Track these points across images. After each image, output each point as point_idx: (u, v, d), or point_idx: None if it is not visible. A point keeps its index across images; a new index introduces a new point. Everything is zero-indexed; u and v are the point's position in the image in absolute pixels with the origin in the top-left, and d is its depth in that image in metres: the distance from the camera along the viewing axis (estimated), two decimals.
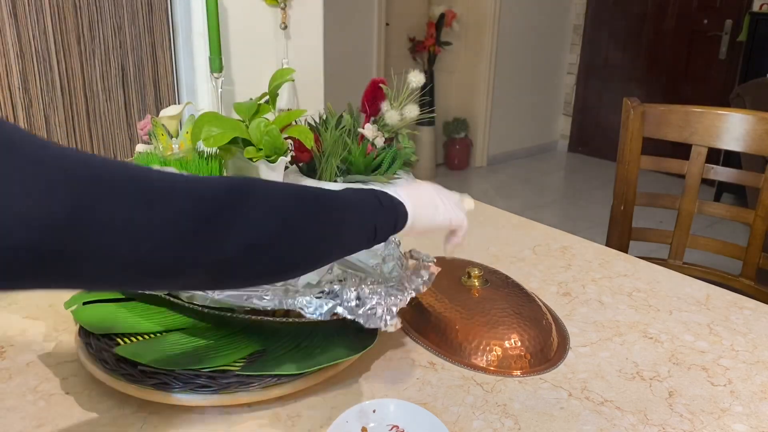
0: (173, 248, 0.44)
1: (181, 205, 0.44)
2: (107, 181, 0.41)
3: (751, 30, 3.83)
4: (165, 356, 0.69)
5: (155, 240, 0.42)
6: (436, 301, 0.85)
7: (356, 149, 1.17)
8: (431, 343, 0.80)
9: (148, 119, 1.10)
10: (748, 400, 0.72)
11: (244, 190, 0.50)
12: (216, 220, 0.46)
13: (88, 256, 0.40)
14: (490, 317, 0.81)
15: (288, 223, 0.52)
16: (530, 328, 0.80)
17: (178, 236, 0.44)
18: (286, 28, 1.59)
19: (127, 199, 0.41)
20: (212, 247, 0.46)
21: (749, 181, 1.35)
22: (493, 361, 0.77)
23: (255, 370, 0.68)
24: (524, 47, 4.74)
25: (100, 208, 0.39)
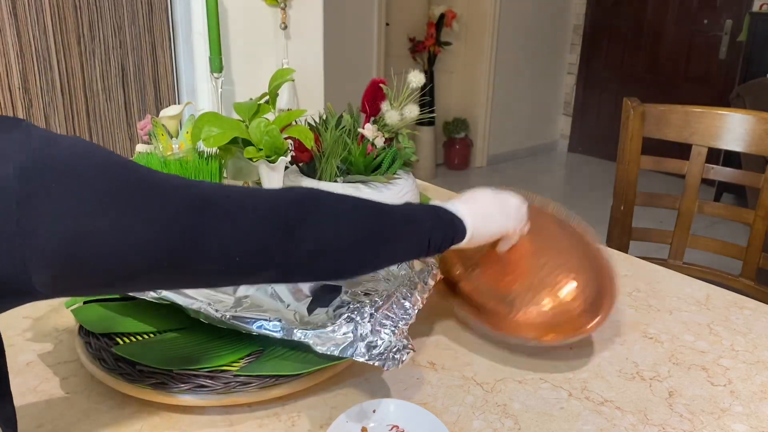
0: (258, 253, 0.51)
1: (263, 215, 0.51)
2: (209, 206, 0.48)
3: (751, 30, 3.83)
4: (163, 356, 0.69)
5: (243, 248, 0.50)
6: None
7: (356, 149, 1.17)
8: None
9: (148, 119, 1.10)
10: (748, 400, 0.72)
11: (314, 198, 0.56)
12: (293, 227, 0.53)
13: (198, 268, 0.48)
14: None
15: (352, 233, 0.58)
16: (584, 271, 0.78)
17: (262, 243, 0.51)
18: (286, 28, 1.59)
19: (226, 217, 0.49)
20: (287, 250, 0.53)
21: (749, 181, 1.35)
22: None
23: (253, 371, 0.68)
24: (524, 47, 4.74)
25: (206, 231, 0.47)
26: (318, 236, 0.54)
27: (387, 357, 0.65)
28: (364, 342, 0.66)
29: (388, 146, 1.21)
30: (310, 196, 0.56)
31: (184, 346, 0.72)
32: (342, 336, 0.67)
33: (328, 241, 0.56)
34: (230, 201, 0.50)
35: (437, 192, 1.39)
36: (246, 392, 0.66)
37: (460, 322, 0.86)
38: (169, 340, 0.73)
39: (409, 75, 1.19)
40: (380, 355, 0.65)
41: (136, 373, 0.67)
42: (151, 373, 0.67)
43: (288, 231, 0.52)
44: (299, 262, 0.54)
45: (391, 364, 0.65)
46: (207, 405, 0.67)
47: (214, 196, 0.49)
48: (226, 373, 0.68)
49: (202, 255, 0.47)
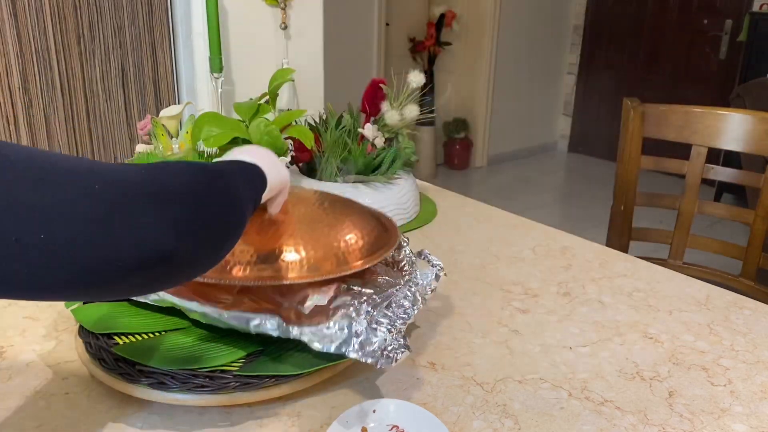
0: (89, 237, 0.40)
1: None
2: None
3: (751, 30, 3.83)
4: (163, 356, 0.69)
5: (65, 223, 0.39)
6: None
7: (356, 149, 1.17)
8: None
9: (148, 119, 1.10)
10: (748, 400, 0.72)
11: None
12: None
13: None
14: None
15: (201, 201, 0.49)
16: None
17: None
18: (286, 29, 1.59)
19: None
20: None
21: (749, 182, 1.35)
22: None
23: (253, 371, 0.68)
24: (524, 47, 4.74)
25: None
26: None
27: (380, 355, 0.65)
28: (359, 339, 0.66)
29: (389, 146, 1.21)
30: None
31: (184, 346, 0.72)
32: (337, 332, 0.67)
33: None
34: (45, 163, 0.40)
35: (438, 192, 1.39)
36: (245, 392, 0.66)
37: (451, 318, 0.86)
38: (169, 340, 0.73)
39: (409, 75, 1.19)
40: (373, 352, 0.65)
41: (136, 372, 0.67)
42: (150, 372, 0.67)
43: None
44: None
45: (384, 362, 0.64)
46: (206, 405, 0.67)
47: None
48: (225, 373, 0.68)
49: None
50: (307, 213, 0.77)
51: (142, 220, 0.43)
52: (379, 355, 0.65)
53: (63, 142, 1.29)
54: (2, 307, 0.88)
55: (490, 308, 0.91)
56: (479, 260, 1.06)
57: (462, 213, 1.28)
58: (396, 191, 1.17)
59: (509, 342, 0.82)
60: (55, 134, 1.29)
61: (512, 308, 0.91)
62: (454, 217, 1.25)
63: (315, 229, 0.74)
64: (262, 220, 0.74)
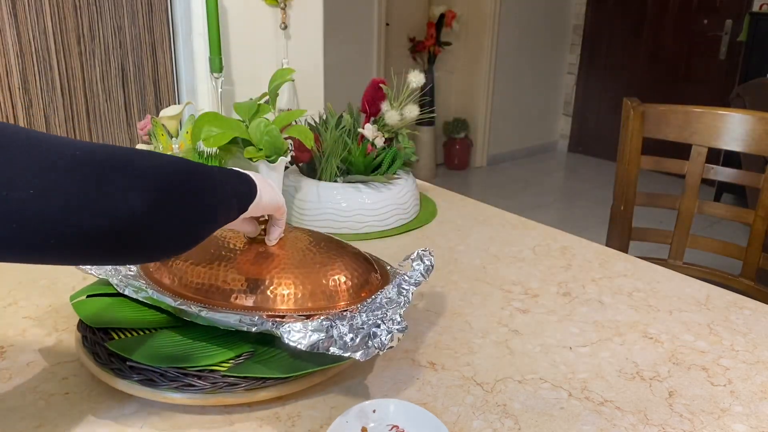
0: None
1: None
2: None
3: (751, 30, 3.83)
4: (154, 353, 0.69)
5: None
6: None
7: (356, 149, 1.17)
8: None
9: (148, 119, 1.10)
10: (748, 400, 0.72)
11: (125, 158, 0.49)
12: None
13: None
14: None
15: (167, 196, 0.51)
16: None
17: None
18: (286, 28, 1.59)
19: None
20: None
21: (749, 182, 1.35)
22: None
23: (240, 372, 0.68)
24: (524, 47, 4.74)
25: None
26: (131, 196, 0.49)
27: (361, 346, 0.65)
28: (341, 335, 0.66)
29: (388, 146, 1.22)
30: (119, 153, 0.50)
31: (177, 344, 0.72)
32: (314, 329, 0.65)
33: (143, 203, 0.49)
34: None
35: (437, 192, 1.39)
36: (233, 393, 0.66)
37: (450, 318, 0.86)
38: (162, 338, 0.73)
39: (409, 75, 1.19)
40: (356, 346, 0.65)
41: (126, 369, 0.67)
42: (141, 369, 0.67)
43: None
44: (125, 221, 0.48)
45: (369, 353, 0.64)
46: (208, 405, 0.67)
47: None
48: (214, 373, 0.67)
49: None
50: (301, 250, 0.78)
51: (118, 183, 0.46)
52: (359, 347, 0.65)
53: None
54: (2, 307, 0.88)
55: (490, 308, 0.91)
56: (479, 260, 1.06)
57: (462, 213, 1.28)
58: (396, 191, 1.17)
59: (509, 342, 0.82)
60: (56, 134, 1.29)
61: (512, 308, 0.91)
62: (454, 217, 1.26)
63: (307, 265, 0.75)
64: (258, 252, 0.77)
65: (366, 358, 0.64)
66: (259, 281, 0.72)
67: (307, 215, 1.14)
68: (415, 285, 0.75)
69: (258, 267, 0.74)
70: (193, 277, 0.73)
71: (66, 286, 0.94)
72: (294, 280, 0.72)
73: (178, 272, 0.74)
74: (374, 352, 0.65)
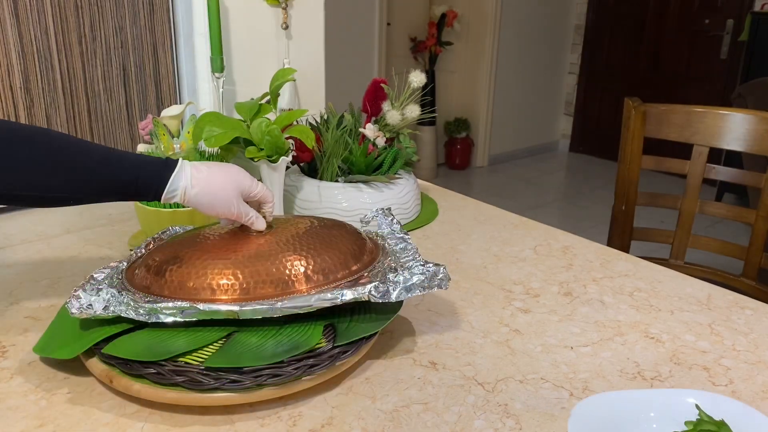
0: None
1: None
2: None
3: (753, 30, 3.83)
4: (151, 349, 0.69)
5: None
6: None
7: (357, 149, 1.17)
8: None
9: (150, 119, 1.10)
10: (750, 401, 0.72)
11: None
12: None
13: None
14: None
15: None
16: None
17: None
18: (287, 28, 1.59)
19: None
20: None
21: (751, 181, 1.35)
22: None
23: (214, 363, 0.67)
24: (525, 47, 4.74)
25: None
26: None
27: (436, 282, 0.75)
28: (409, 283, 0.74)
29: (389, 146, 1.22)
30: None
31: (171, 336, 0.71)
32: (392, 284, 0.73)
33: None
34: None
35: (438, 192, 1.39)
36: (234, 393, 0.66)
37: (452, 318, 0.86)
38: (146, 333, 0.72)
39: (410, 75, 1.19)
40: (431, 282, 0.74)
41: (127, 368, 0.68)
42: (140, 364, 0.67)
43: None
44: None
45: (445, 284, 0.75)
46: (208, 405, 0.67)
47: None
48: (191, 366, 0.67)
49: None
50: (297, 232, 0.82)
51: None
52: (435, 284, 0.74)
53: None
54: (4, 307, 0.88)
55: (491, 308, 0.91)
56: (480, 260, 1.06)
57: (463, 213, 1.28)
58: (397, 191, 1.17)
59: (510, 342, 0.82)
60: None
61: (513, 308, 0.91)
62: (455, 216, 1.26)
63: (313, 241, 0.80)
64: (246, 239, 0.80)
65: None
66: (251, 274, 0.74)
67: (309, 215, 1.14)
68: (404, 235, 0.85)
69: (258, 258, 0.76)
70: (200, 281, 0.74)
71: (67, 286, 0.94)
72: (307, 255, 0.76)
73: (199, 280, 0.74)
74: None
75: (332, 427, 0.65)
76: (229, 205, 0.79)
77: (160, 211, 0.99)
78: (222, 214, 0.80)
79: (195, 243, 0.80)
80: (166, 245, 0.83)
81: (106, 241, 1.10)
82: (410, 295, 0.73)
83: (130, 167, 0.74)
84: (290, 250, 0.77)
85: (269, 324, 0.73)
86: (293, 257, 0.76)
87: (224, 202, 0.79)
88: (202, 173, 0.78)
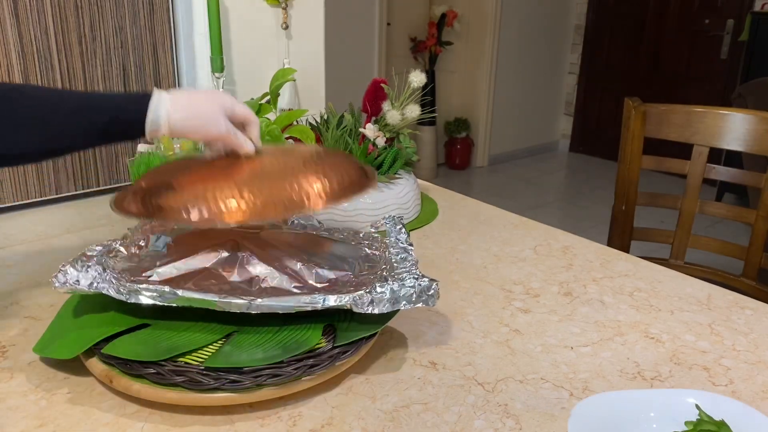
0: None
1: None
2: None
3: (753, 30, 3.82)
4: (151, 349, 0.69)
5: None
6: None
7: (357, 149, 1.17)
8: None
9: None
10: (750, 401, 0.72)
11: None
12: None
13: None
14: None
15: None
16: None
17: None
18: (287, 28, 1.59)
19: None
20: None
21: (751, 181, 1.35)
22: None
23: (214, 363, 0.67)
24: (525, 47, 4.74)
25: None
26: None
27: (423, 298, 0.73)
28: (398, 295, 0.72)
29: (389, 146, 1.22)
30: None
31: (171, 335, 0.71)
32: (378, 294, 0.72)
33: None
34: None
35: (438, 192, 1.39)
36: (235, 393, 0.66)
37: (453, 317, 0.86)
38: (146, 333, 0.72)
39: (410, 75, 1.19)
40: (418, 297, 0.73)
41: (127, 368, 0.67)
42: (146, 364, 0.67)
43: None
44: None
45: (433, 301, 0.73)
46: (209, 405, 0.67)
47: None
48: (191, 366, 0.67)
49: None
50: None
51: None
52: (424, 299, 0.73)
53: None
54: (4, 307, 0.88)
55: (491, 308, 0.91)
56: (480, 260, 1.06)
57: (463, 213, 1.28)
58: (397, 191, 1.17)
59: (510, 342, 0.82)
60: None
61: (513, 308, 0.91)
62: (455, 216, 1.26)
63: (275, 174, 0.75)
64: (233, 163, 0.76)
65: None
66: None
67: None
68: (408, 246, 0.84)
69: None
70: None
71: None
72: (318, 174, 0.73)
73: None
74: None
75: (332, 427, 0.65)
76: (217, 123, 0.74)
77: None
78: (213, 136, 0.75)
79: (188, 168, 0.77)
80: (154, 173, 0.79)
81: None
82: (394, 308, 0.72)
83: (107, 109, 0.72)
84: (302, 170, 0.74)
85: (269, 324, 0.73)
86: (308, 176, 0.72)
87: (213, 121, 0.74)
88: (182, 97, 0.74)
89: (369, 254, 0.85)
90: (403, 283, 0.73)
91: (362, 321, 0.75)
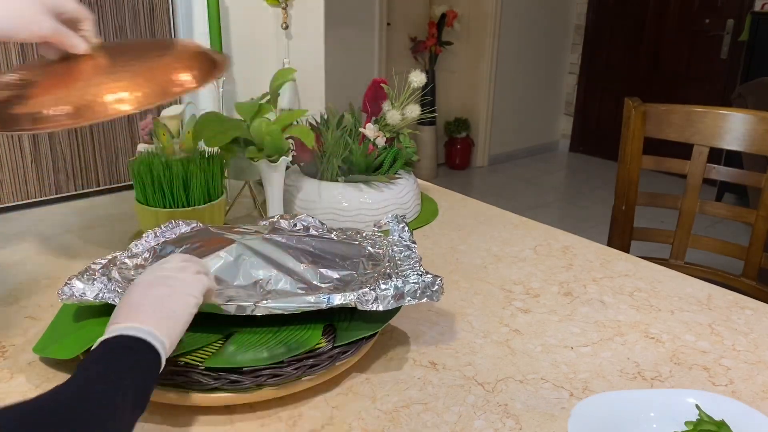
0: None
1: None
2: None
3: (753, 30, 3.83)
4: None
5: None
6: None
7: (357, 149, 1.17)
8: None
9: (150, 119, 1.10)
10: (750, 401, 0.72)
11: None
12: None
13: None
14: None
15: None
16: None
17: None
18: (287, 28, 1.59)
19: None
20: None
21: (751, 181, 1.35)
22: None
23: (216, 363, 0.67)
24: (525, 47, 4.74)
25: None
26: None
27: (428, 293, 0.74)
28: (402, 291, 0.73)
29: (389, 146, 1.21)
30: None
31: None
32: (383, 291, 0.72)
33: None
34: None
35: (438, 192, 1.39)
36: (235, 393, 0.66)
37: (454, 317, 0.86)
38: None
39: (410, 75, 1.19)
40: (423, 293, 0.74)
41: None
42: None
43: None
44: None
45: (437, 296, 0.74)
46: (209, 405, 0.67)
47: None
48: (191, 366, 0.67)
49: None
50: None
51: None
52: (429, 294, 0.74)
53: (64, 142, 1.30)
54: (4, 307, 0.88)
55: (491, 308, 0.91)
56: (480, 260, 1.06)
57: (463, 213, 1.28)
58: (397, 191, 1.17)
59: (510, 342, 0.82)
60: (56, 134, 1.29)
61: (513, 308, 0.91)
62: (455, 216, 1.25)
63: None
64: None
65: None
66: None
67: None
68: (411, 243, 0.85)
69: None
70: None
71: None
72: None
73: None
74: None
75: (332, 427, 0.65)
76: (39, 22, 0.66)
77: (160, 211, 0.99)
78: (36, 35, 0.67)
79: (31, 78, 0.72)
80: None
81: (106, 241, 1.10)
82: (398, 304, 0.73)
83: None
84: (159, 61, 0.72)
85: (269, 324, 0.73)
86: (171, 64, 0.71)
87: (32, 20, 0.66)
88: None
89: (372, 253, 0.85)
90: (407, 279, 0.75)
91: (362, 321, 0.75)
